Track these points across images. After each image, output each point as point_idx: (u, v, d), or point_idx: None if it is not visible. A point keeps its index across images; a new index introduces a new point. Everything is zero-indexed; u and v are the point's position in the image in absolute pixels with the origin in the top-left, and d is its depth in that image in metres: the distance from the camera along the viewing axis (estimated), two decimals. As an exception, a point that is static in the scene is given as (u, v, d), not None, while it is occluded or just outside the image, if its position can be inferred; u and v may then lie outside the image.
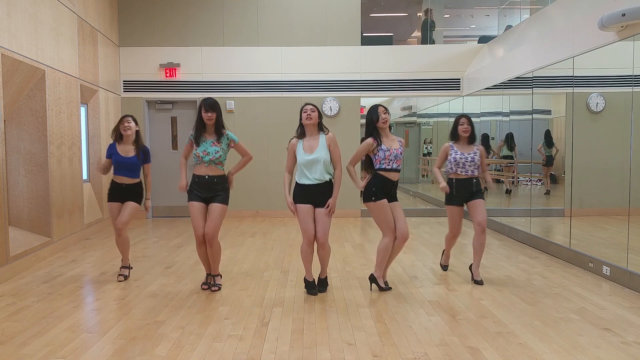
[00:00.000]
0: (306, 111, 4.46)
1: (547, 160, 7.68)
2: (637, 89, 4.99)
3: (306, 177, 4.43)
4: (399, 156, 4.56)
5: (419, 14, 12.90)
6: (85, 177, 7.52)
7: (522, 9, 10.65)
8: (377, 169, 4.56)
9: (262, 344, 3.44)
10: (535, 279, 5.08)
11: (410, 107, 12.98)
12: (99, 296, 4.59)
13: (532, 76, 6.87)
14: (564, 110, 6.72)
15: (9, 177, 5.88)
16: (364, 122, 5.81)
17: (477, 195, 4.96)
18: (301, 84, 9.56)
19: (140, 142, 5.19)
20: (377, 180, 4.56)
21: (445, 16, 12.90)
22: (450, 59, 9.71)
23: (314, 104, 4.54)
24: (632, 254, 4.87)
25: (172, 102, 9.65)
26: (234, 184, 4.81)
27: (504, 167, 8.73)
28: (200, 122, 4.61)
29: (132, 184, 5.12)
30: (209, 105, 4.56)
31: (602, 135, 6.21)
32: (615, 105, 6.00)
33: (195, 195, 4.63)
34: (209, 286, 4.77)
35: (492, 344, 3.42)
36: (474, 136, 5.02)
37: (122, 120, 5.14)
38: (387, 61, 9.67)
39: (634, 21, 4.61)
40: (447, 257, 5.43)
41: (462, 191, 4.98)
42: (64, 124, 6.64)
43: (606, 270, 5.09)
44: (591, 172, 6.20)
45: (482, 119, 9.36)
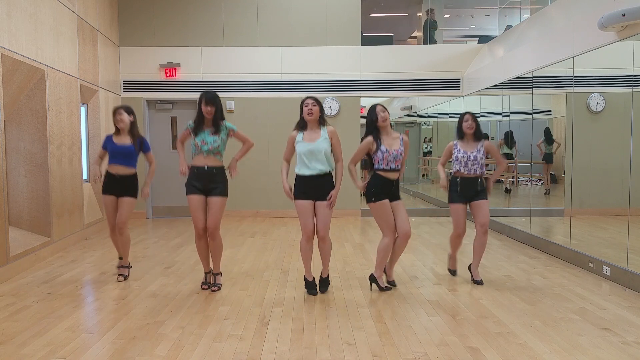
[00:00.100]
0: (307, 105, 4.37)
1: (548, 157, 7.68)
2: (637, 89, 4.99)
3: (306, 167, 4.36)
4: (398, 157, 4.53)
5: (419, 14, 12.91)
6: (85, 177, 7.52)
7: (522, 9, 10.65)
8: (376, 168, 4.56)
9: (262, 344, 3.44)
10: (535, 279, 5.08)
11: (410, 107, 12.99)
12: (99, 296, 4.59)
13: (532, 76, 6.87)
14: (564, 110, 6.72)
15: (9, 177, 5.88)
16: (364, 122, 5.81)
17: (481, 195, 4.89)
18: (301, 84, 9.56)
19: (136, 132, 5.09)
20: (376, 180, 4.56)
21: (445, 16, 12.91)
22: (450, 59, 9.71)
23: (315, 98, 4.45)
24: (632, 254, 4.87)
25: (172, 102, 9.65)
26: (237, 170, 4.74)
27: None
28: (199, 115, 4.58)
29: (127, 176, 5.02)
30: (209, 99, 4.52)
31: (602, 135, 6.21)
32: (615, 105, 6.00)
33: (194, 187, 4.58)
34: (209, 286, 4.77)
35: (492, 344, 3.42)
36: (480, 133, 4.93)
37: (114, 113, 5.05)
38: (387, 61, 9.67)
39: (634, 21, 4.61)
40: (454, 261, 5.25)
41: (466, 190, 4.90)
42: (64, 124, 6.64)
43: (606, 270, 5.09)
44: (591, 172, 6.20)
45: (482, 119, 9.36)
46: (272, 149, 9.37)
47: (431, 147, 12.39)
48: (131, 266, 5.32)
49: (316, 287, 4.63)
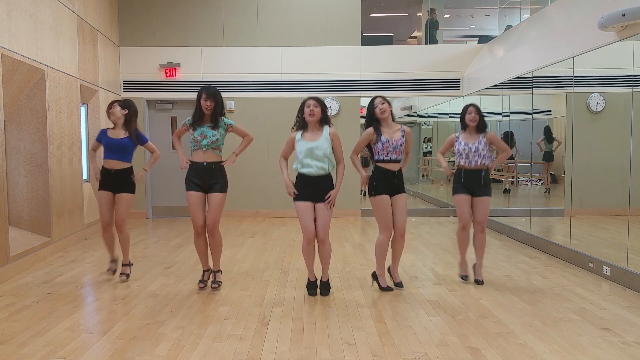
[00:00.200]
0: (309, 106, 4.32)
1: (548, 156, 7.68)
2: (637, 89, 4.99)
3: (307, 166, 4.32)
4: (398, 147, 4.49)
5: (419, 14, 12.91)
6: (85, 177, 7.52)
7: (522, 9, 10.65)
8: (376, 160, 4.55)
9: (262, 344, 3.44)
10: (535, 279, 5.08)
11: (410, 107, 12.99)
12: (99, 296, 4.59)
13: (532, 76, 6.87)
14: (564, 110, 6.73)
15: (9, 177, 5.88)
16: (364, 122, 5.82)
17: (484, 190, 4.83)
18: (301, 84, 9.56)
19: (130, 125, 4.98)
20: (377, 173, 4.55)
21: (445, 16, 12.91)
22: (450, 59, 9.71)
23: (318, 99, 4.38)
24: (632, 254, 4.87)
25: (172, 102, 9.65)
26: (233, 162, 4.68)
27: (504, 166, 8.73)
28: (198, 109, 4.53)
29: (123, 170, 4.93)
30: (209, 93, 4.48)
31: (602, 135, 6.21)
32: (615, 105, 6.00)
33: (193, 184, 4.56)
34: (205, 284, 4.75)
35: (492, 344, 3.42)
36: (483, 125, 4.85)
37: (109, 106, 5.01)
38: (387, 61, 9.66)
39: (634, 21, 4.61)
40: (464, 265, 5.05)
41: (469, 182, 4.84)
42: (64, 124, 6.64)
43: (606, 270, 5.09)
44: (591, 172, 6.20)
45: (482, 119, 9.36)
46: (272, 149, 9.37)
47: (431, 147, 12.39)
48: (132, 264, 5.27)
49: (317, 287, 4.62)
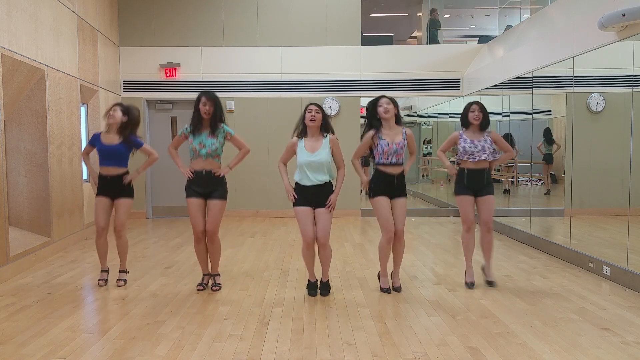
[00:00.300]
0: (311, 111, 4.35)
1: (548, 158, 7.68)
2: (637, 89, 4.99)
3: (307, 179, 4.35)
4: (399, 151, 4.47)
5: (419, 14, 12.91)
6: (85, 177, 7.52)
7: (522, 9, 10.66)
8: (376, 163, 4.54)
9: (262, 344, 3.44)
10: (535, 279, 5.08)
11: (410, 107, 12.99)
12: (99, 296, 4.59)
13: (532, 76, 6.87)
14: (564, 110, 6.73)
15: (9, 177, 5.88)
16: (363, 122, 5.81)
17: (487, 189, 4.76)
18: (301, 84, 9.56)
19: (125, 133, 4.83)
20: (377, 175, 4.55)
21: (445, 16, 12.91)
22: (450, 59, 9.71)
23: (318, 105, 4.44)
24: (632, 254, 4.87)
25: (172, 102, 9.65)
26: (226, 173, 4.65)
27: (504, 167, 8.73)
28: (197, 115, 4.54)
29: (120, 175, 4.85)
30: (208, 98, 4.49)
31: (602, 135, 6.22)
32: (615, 105, 6.00)
33: (193, 191, 4.59)
34: (204, 287, 4.75)
35: (492, 344, 3.42)
36: (487, 123, 4.76)
37: (110, 108, 4.93)
38: (387, 61, 9.67)
39: (634, 21, 4.61)
40: (471, 270, 4.84)
41: (473, 182, 4.75)
42: (64, 124, 6.64)
43: (606, 270, 5.09)
44: (591, 172, 6.20)
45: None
46: (272, 149, 9.37)
47: (431, 147, 12.39)
48: (128, 271, 5.09)
49: (317, 288, 4.61)
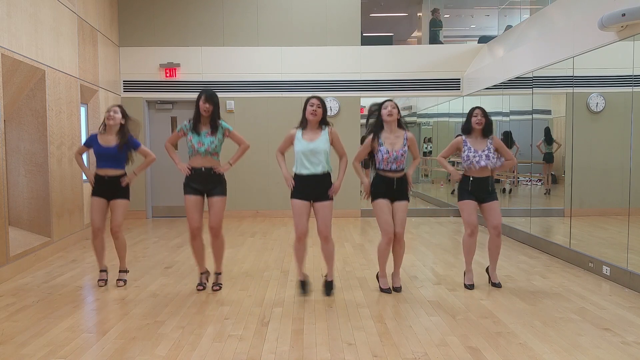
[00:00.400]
0: (312, 105, 4.33)
1: (548, 157, 7.68)
2: (637, 89, 4.99)
3: (305, 167, 4.32)
4: (399, 158, 4.47)
5: (419, 14, 12.91)
6: (85, 177, 7.52)
7: (522, 9, 10.66)
8: (377, 168, 4.56)
9: (262, 344, 3.44)
10: (535, 279, 5.08)
11: (410, 107, 12.99)
12: (99, 296, 4.59)
13: (532, 76, 6.87)
14: (564, 110, 6.73)
15: (9, 177, 5.88)
16: (364, 122, 5.80)
17: (492, 196, 4.74)
18: (301, 84, 9.56)
19: (124, 135, 4.84)
20: (377, 179, 4.56)
21: (445, 16, 12.92)
22: (450, 59, 9.71)
23: (320, 98, 4.40)
24: (632, 254, 4.87)
25: (172, 102, 9.65)
26: (226, 169, 4.66)
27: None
28: (197, 112, 4.57)
29: (117, 177, 4.83)
30: (208, 96, 4.52)
31: (602, 135, 6.21)
32: (615, 105, 6.00)
33: (191, 188, 4.60)
34: (204, 287, 4.74)
35: (492, 344, 3.42)
36: (489, 129, 4.75)
37: (109, 109, 4.88)
38: (387, 61, 9.67)
39: (634, 21, 4.61)
40: (470, 274, 4.84)
41: (477, 190, 4.73)
42: (64, 124, 6.64)
43: (606, 270, 5.09)
44: (591, 172, 6.20)
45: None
46: (272, 148, 9.27)
47: (431, 147, 12.39)
48: (128, 271, 5.12)
49: (307, 286, 4.59)
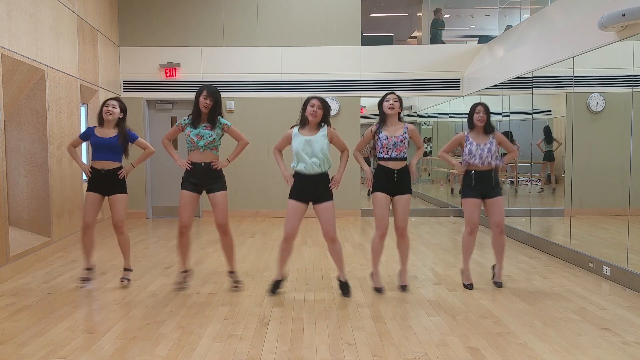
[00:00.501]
0: (313, 106, 4.27)
1: (549, 155, 7.68)
2: (637, 89, 4.99)
3: (303, 160, 4.28)
4: (399, 144, 4.44)
5: (419, 14, 12.91)
6: (85, 177, 7.52)
7: (522, 9, 10.66)
8: (378, 158, 4.54)
9: (262, 344, 3.44)
10: (535, 279, 5.08)
11: (410, 107, 12.98)
12: (99, 296, 4.58)
13: (532, 76, 6.87)
14: (564, 110, 6.73)
15: (9, 177, 5.88)
16: (364, 122, 5.82)
17: (495, 191, 4.72)
18: (301, 84, 9.56)
19: (123, 128, 4.79)
20: (378, 171, 4.55)
21: (445, 16, 12.93)
22: (450, 59, 9.71)
23: (323, 100, 4.33)
24: (632, 254, 4.87)
25: (172, 102, 9.65)
26: (224, 165, 4.63)
27: (503, 166, 8.73)
28: (196, 107, 4.50)
29: (114, 170, 4.76)
30: (210, 92, 4.46)
31: (602, 135, 6.22)
32: (615, 105, 6.01)
33: (189, 183, 4.55)
34: (182, 286, 4.70)
35: (492, 344, 3.42)
36: (490, 126, 4.75)
37: (105, 103, 4.76)
38: (387, 61, 9.67)
39: (634, 21, 4.61)
40: (468, 272, 4.84)
41: (481, 184, 4.71)
42: (64, 124, 6.64)
43: (606, 270, 5.09)
44: (591, 172, 6.20)
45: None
46: (272, 149, 9.36)
47: (431, 147, 12.38)
48: (132, 270, 5.09)
49: (279, 287, 4.59)
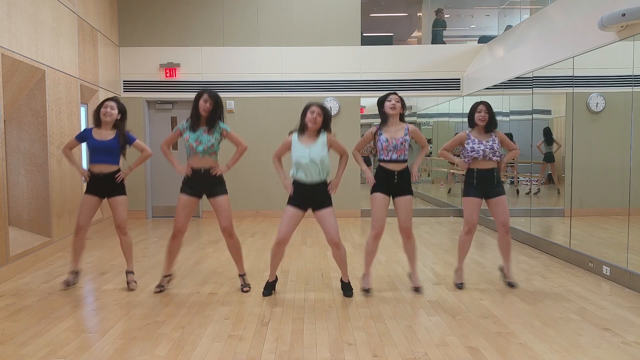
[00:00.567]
0: (313, 112, 4.25)
1: (549, 157, 7.68)
2: (637, 89, 4.99)
3: (302, 169, 4.28)
4: (399, 146, 4.40)
5: (419, 14, 12.91)
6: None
7: (522, 9, 10.67)
8: (379, 159, 4.52)
9: (262, 344, 3.44)
10: (535, 279, 5.08)
11: (410, 107, 12.99)
12: (99, 296, 4.58)
13: (532, 76, 6.87)
14: (564, 110, 6.73)
15: (9, 177, 5.88)
16: (364, 122, 5.82)
17: (498, 190, 4.67)
18: (301, 84, 9.56)
19: (122, 128, 4.70)
20: (378, 172, 4.53)
21: (445, 16, 12.93)
22: (450, 59, 9.71)
23: (323, 107, 4.31)
24: (632, 254, 4.87)
25: (172, 102, 9.65)
26: (223, 171, 4.59)
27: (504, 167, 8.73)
28: (195, 111, 4.45)
29: (112, 173, 4.67)
30: (211, 95, 4.41)
31: (602, 135, 6.22)
32: (615, 105, 6.01)
33: (189, 187, 4.52)
34: (162, 289, 4.62)
35: (492, 344, 3.42)
36: (493, 125, 4.68)
37: (103, 104, 4.64)
38: (387, 61, 9.67)
39: (634, 21, 4.61)
40: (461, 272, 4.84)
41: (483, 183, 4.67)
42: (64, 124, 6.64)
43: (606, 270, 5.09)
44: (591, 172, 6.20)
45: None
46: (272, 149, 9.24)
47: (431, 148, 12.39)
48: (133, 272, 4.98)
49: (274, 288, 4.61)
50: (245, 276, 4.79)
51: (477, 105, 4.73)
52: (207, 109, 4.43)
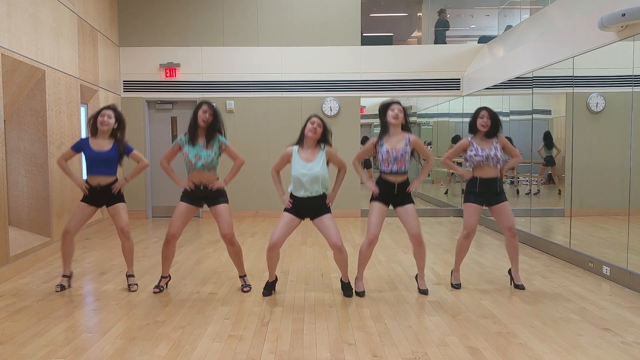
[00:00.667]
0: (313, 123, 4.28)
1: (549, 160, 7.68)
2: (637, 89, 4.99)
3: (302, 190, 4.31)
4: (399, 158, 4.38)
5: (419, 14, 12.91)
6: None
7: (522, 9, 10.67)
8: (380, 171, 4.51)
9: (262, 344, 3.44)
10: (535, 279, 5.08)
11: (410, 107, 12.99)
12: (99, 296, 4.59)
13: (532, 76, 6.87)
14: (564, 110, 6.73)
15: (9, 177, 5.88)
16: (364, 122, 5.81)
17: (501, 197, 4.64)
18: (301, 84, 9.56)
19: (120, 138, 4.64)
20: (379, 182, 4.51)
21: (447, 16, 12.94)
22: (450, 59, 9.71)
23: (321, 119, 4.35)
24: (632, 254, 4.87)
25: (172, 102, 9.65)
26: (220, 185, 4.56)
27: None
28: (194, 122, 4.44)
29: (110, 185, 4.64)
30: (210, 106, 4.42)
31: (602, 135, 6.22)
32: (615, 105, 6.00)
33: (188, 196, 4.55)
34: (161, 290, 4.65)
35: (492, 344, 3.42)
36: (495, 130, 4.62)
37: (100, 112, 4.55)
38: (387, 61, 9.67)
39: (634, 21, 4.61)
40: (457, 273, 4.86)
41: (485, 191, 4.64)
42: (64, 124, 6.64)
43: (606, 270, 5.09)
44: (591, 172, 6.20)
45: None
46: (272, 149, 9.37)
47: (431, 149, 12.40)
48: (134, 275, 4.96)
49: (274, 288, 4.62)
50: (245, 277, 4.80)
51: (479, 111, 4.68)
52: (207, 119, 4.40)
